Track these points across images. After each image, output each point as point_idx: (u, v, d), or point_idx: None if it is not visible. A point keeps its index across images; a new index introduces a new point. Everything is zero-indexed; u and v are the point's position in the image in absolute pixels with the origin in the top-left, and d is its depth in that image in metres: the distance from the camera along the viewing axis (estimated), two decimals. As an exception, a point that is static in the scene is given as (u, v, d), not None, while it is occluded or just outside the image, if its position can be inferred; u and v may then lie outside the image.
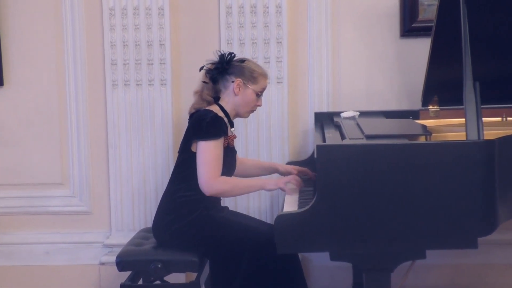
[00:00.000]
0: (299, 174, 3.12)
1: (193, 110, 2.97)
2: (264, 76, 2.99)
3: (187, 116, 3.66)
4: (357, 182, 2.39)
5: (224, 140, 2.86)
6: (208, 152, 2.79)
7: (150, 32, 3.62)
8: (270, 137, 3.62)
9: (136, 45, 3.63)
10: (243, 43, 3.59)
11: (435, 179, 2.39)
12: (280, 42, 3.58)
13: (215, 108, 2.92)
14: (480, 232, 2.42)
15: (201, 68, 3.01)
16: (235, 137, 2.98)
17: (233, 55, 2.98)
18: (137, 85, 3.65)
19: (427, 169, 2.39)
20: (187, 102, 3.65)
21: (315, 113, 3.55)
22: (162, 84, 3.64)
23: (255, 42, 3.59)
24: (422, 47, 3.44)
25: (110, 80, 3.65)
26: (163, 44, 3.62)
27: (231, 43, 3.60)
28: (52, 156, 3.77)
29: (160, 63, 3.62)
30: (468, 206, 2.40)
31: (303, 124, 3.68)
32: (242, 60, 2.97)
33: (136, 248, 2.96)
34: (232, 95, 2.94)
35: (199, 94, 2.98)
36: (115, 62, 3.64)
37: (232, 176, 2.97)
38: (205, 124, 2.81)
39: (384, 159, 2.40)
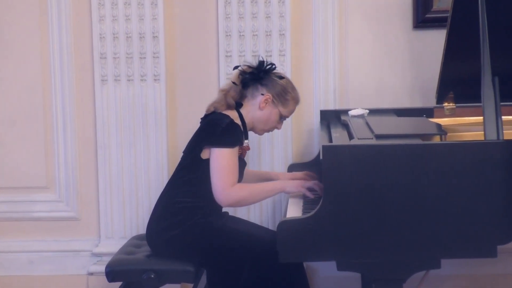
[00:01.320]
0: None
1: (212, 109, 2.95)
2: (296, 101, 3.01)
3: (183, 114, 3.68)
4: (366, 186, 2.39)
5: (239, 149, 2.85)
6: (222, 159, 2.78)
7: (143, 23, 3.61)
8: (272, 137, 3.62)
9: (127, 37, 3.62)
10: (242, 35, 3.59)
11: (451, 182, 2.39)
12: (283, 34, 3.58)
13: (233, 115, 2.91)
14: (500, 239, 2.41)
15: (236, 67, 3.01)
16: (248, 148, 2.98)
17: (274, 66, 3.00)
18: (128, 80, 3.64)
19: (442, 172, 2.38)
20: (182, 99, 3.68)
21: (320, 111, 3.55)
22: (155, 80, 3.64)
23: (256, 34, 3.59)
24: (436, 39, 3.44)
25: (99, 75, 3.65)
26: (156, 37, 3.62)
27: (230, 35, 3.59)
28: (36, 157, 3.77)
29: (153, 57, 3.62)
30: (486, 212, 2.39)
31: (308, 123, 3.68)
32: (281, 77, 2.98)
33: (128, 256, 2.96)
34: (256, 107, 2.95)
35: (225, 93, 2.97)
36: (104, 56, 3.64)
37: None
38: (220, 130, 2.80)
39: (395, 161, 2.39)
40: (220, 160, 2.78)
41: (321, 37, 3.62)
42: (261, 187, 2.90)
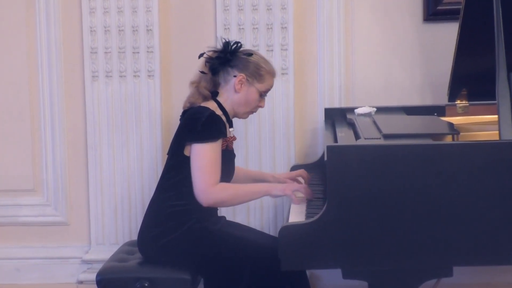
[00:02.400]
0: (294, 180, 3.13)
1: (188, 105, 2.95)
2: (272, 74, 2.99)
3: (179, 113, 3.67)
4: (373, 189, 2.39)
5: (223, 142, 2.85)
6: (203, 156, 2.78)
7: (136, 15, 3.61)
8: (274, 136, 3.62)
9: (119, 30, 3.62)
10: (242, 28, 3.59)
11: (464, 185, 2.38)
12: (285, 27, 3.58)
13: (212, 105, 2.91)
14: (516, 246, 2.42)
15: (201, 55, 3.00)
16: (234, 138, 2.97)
17: (239, 44, 2.97)
18: (121, 76, 3.64)
19: (454, 174, 2.38)
20: (178, 96, 3.66)
21: (325, 109, 3.55)
22: (149, 76, 3.64)
23: (256, 28, 3.59)
24: (448, 32, 3.44)
25: (90, 71, 3.65)
26: (150, 30, 3.62)
27: (228, 28, 3.59)
28: (23, 159, 3.77)
29: (147, 52, 3.62)
30: (501, 216, 2.39)
31: (312, 122, 3.68)
32: (249, 53, 2.96)
33: (119, 264, 2.96)
34: (232, 91, 2.94)
35: (196, 85, 2.97)
36: (95, 51, 3.64)
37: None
38: (200, 124, 2.80)
39: (404, 162, 2.39)
40: (201, 157, 2.78)
41: (325, 30, 3.61)
42: (246, 188, 2.89)
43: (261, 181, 3.19)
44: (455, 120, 3.22)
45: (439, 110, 3.38)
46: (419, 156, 2.40)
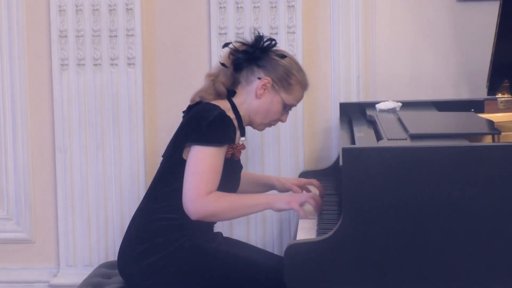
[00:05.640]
0: (303, 188, 3.14)
1: (198, 99, 2.96)
2: (303, 86, 3.01)
3: (164, 108, 3.68)
4: (397, 199, 2.39)
5: (228, 149, 2.85)
6: (202, 160, 2.78)
7: (113, -8, 3.63)
8: (279, 137, 3.62)
9: (93, 10, 3.63)
10: (240, 7, 3.59)
11: (506, 193, 2.38)
12: (293, 6, 3.58)
13: (224, 105, 2.90)
14: None
15: (225, 45, 3.01)
16: (243, 147, 2.97)
17: (273, 42, 2.98)
18: (95, 65, 3.65)
19: (494, 180, 2.38)
20: (163, 88, 3.68)
21: (340, 104, 3.55)
22: (129, 64, 3.65)
23: (258, 6, 3.59)
24: (487, 13, 3.44)
25: (58, 58, 3.66)
26: (130, 9, 3.62)
27: (224, 7, 3.60)
28: (-22, 164, 3.78)
29: (127, 35, 3.63)
30: (551, 232, 2.40)
31: (324, 120, 3.68)
32: (282, 55, 2.97)
33: (94, 289, 2.97)
34: (253, 95, 2.95)
35: (213, 79, 2.97)
36: (64, 34, 3.65)
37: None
38: (206, 124, 2.80)
39: (435, 167, 2.39)
40: (199, 161, 2.78)
41: (341, 9, 3.62)
42: (243, 200, 2.89)
43: (264, 184, 3.20)
44: (496, 117, 3.22)
45: (477, 106, 3.39)
46: (453, 160, 2.40)
